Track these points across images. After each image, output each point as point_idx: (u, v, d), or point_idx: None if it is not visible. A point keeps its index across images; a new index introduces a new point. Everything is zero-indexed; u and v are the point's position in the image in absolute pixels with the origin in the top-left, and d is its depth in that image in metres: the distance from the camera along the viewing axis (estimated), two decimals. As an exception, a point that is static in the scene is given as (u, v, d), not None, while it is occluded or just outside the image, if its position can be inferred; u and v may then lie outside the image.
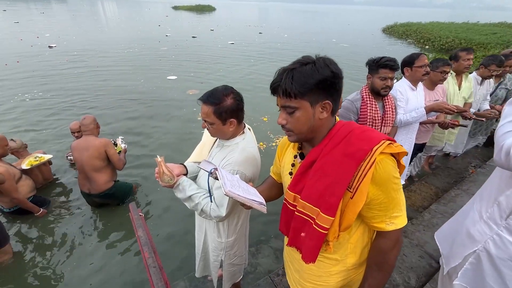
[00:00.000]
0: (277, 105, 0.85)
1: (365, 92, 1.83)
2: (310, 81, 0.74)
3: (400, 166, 0.81)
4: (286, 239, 1.08)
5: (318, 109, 0.79)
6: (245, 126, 1.32)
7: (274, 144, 4.26)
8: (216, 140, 1.39)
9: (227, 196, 0.86)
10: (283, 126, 0.85)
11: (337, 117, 0.89)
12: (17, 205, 2.53)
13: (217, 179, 0.94)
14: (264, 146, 4.16)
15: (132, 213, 1.73)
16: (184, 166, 1.37)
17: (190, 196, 1.23)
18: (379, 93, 1.80)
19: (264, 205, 0.92)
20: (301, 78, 0.74)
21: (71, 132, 3.19)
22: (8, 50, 9.77)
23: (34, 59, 8.75)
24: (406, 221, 0.82)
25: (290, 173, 0.97)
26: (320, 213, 0.81)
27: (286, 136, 1.10)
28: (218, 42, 14.06)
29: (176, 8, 49.73)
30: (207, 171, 0.99)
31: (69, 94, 5.97)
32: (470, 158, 3.59)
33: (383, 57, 1.74)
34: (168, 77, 7.45)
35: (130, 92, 6.26)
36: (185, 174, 1.35)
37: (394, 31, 22.13)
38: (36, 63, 8.34)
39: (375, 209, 0.79)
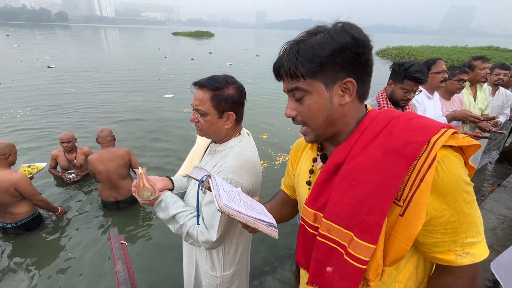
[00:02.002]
0: (284, 91, 0.64)
1: (382, 98, 1.63)
2: (321, 53, 0.54)
3: (468, 167, 0.56)
4: (304, 274, 0.80)
5: (336, 91, 0.58)
6: (242, 128, 1.09)
7: (277, 162, 4.00)
8: (207, 147, 1.16)
9: (222, 212, 0.59)
10: (293, 119, 0.64)
11: (368, 106, 0.66)
12: (40, 208, 2.48)
13: (210, 190, 0.68)
14: (266, 165, 3.90)
15: (112, 241, 1.44)
16: (170, 179, 1.12)
17: (174, 216, 0.97)
18: (397, 103, 1.60)
19: (275, 228, 0.65)
20: (309, 50, 0.54)
21: (61, 142, 3.01)
22: (6, 71, 9.72)
23: (31, 79, 8.66)
24: (488, 251, 0.55)
25: (308, 183, 0.72)
26: (354, 238, 0.55)
27: (300, 138, 0.88)
28: (216, 63, 14.29)
29: (176, 34, 51.77)
30: (197, 180, 0.73)
31: (62, 112, 5.79)
32: (486, 175, 3.36)
33: (412, 65, 1.49)
34: (165, 95, 7.36)
35: (125, 108, 6.12)
36: (171, 190, 1.10)
37: (387, 53, 22.89)
38: (33, 82, 8.23)
39: (438, 232, 0.53)
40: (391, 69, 1.59)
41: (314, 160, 0.72)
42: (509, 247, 1.01)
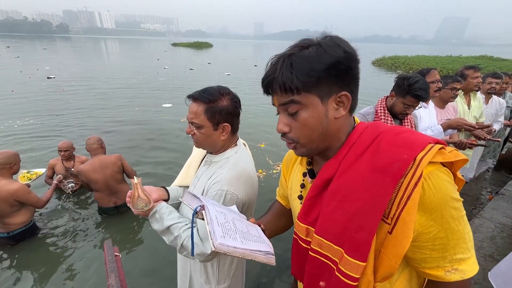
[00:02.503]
0: (273, 104, 0.62)
1: (380, 108, 1.63)
2: (317, 67, 0.53)
3: (457, 181, 0.56)
4: (300, 285, 0.80)
5: (331, 105, 0.57)
6: (238, 139, 1.09)
7: (275, 171, 3.99)
8: (204, 158, 1.16)
9: (216, 251, 0.59)
10: (284, 135, 0.62)
11: (356, 118, 0.66)
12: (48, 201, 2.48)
13: (203, 219, 0.68)
14: (264, 174, 3.88)
15: (106, 253, 1.42)
16: (166, 190, 1.11)
17: (168, 227, 0.95)
18: (395, 116, 1.61)
19: (272, 255, 0.65)
20: (304, 64, 0.54)
21: (59, 150, 3.04)
22: (5, 81, 9.77)
23: (30, 89, 8.70)
24: (478, 267, 0.55)
25: (300, 197, 0.73)
26: (344, 255, 0.55)
27: (290, 151, 0.84)
28: (215, 73, 14.45)
29: (175, 44, 52.46)
30: (191, 208, 0.73)
31: (61, 121, 5.80)
32: (484, 183, 3.36)
33: (417, 81, 1.47)
34: (164, 105, 7.41)
35: (123, 118, 6.13)
36: (166, 200, 1.08)
37: (383, 63, 23.25)
38: (32, 92, 8.27)
39: (427, 248, 0.53)
40: (395, 81, 1.57)
41: (304, 174, 0.72)
42: (506, 256, 1.00)
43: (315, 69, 0.53)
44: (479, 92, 2.73)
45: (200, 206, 0.70)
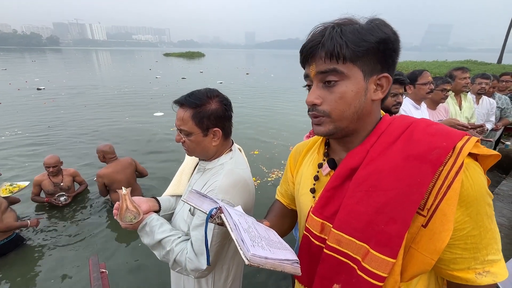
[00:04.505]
0: (305, 77, 0.58)
1: None
2: (369, 38, 0.51)
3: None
4: None
5: (371, 85, 0.55)
6: (233, 144, 1.03)
7: (270, 179, 3.92)
8: (196, 165, 1.09)
9: (250, 265, 0.48)
10: (313, 107, 0.57)
11: (381, 111, 0.63)
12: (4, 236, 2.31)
13: (222, 225, 0.57)
14: (258, 182, 3.81)
15: (91, 270, 1.33)
16: (157, 200, 1.04)
17: (159, 241, 0.88)
18: (389, 111, 1.59)
19: (298, 263, 0.55)
20: (356, 33, 0.51)
21: (46, 167, 2.87)
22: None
23: (19, 100, 8.55)
24: (507, 272, 0.50)
25: (312, 190, 0.67)
26: (370, 250, 0.50)
27: (300, 142, 0.81)
28: (207, 82, 14.48)
29: (167, 55, 52.63)
30: (203, 212, 0.62)
31: (50, 133, 5.66)
32: (478, 184, 3.38)
33: None
34: (155, 114, 7.34)
35: (114, 128, 6.03)
36: (158, 212, 1.02)
37: (373, 69, 23.71)
38: (21, 104, 8.11)
39: (458, 246, 0.49)
40: None
41: (320, 165, 0.67)
42: (512, 258, 0.97)
43: (367, 40, 0.51)
44: (469, 93, 2.77)
45: (215, 208, 0.60)
